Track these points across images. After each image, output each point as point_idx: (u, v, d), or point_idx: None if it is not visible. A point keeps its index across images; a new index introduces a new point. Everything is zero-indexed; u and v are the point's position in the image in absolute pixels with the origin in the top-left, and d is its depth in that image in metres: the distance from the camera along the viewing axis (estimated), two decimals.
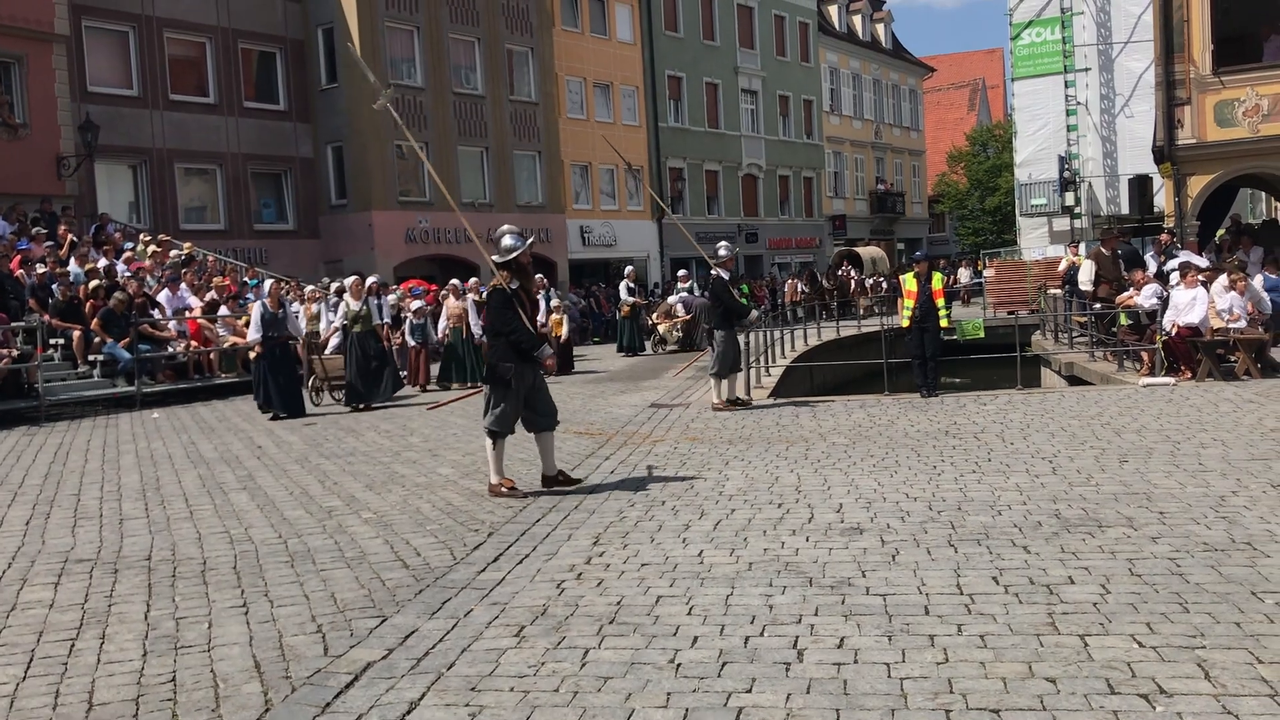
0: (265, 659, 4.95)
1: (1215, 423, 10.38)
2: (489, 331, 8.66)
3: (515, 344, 8.29)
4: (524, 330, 8.34)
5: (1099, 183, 37.10)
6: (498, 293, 8.46)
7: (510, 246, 8.54)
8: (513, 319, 8.32)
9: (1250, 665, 4.29)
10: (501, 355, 8.33)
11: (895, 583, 5.63)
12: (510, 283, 8.44)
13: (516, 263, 8.50)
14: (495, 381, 8.38)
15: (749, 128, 46.56)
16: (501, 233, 8.69)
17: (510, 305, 8.36)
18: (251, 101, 29.42)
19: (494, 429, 8.38)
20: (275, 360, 14.39)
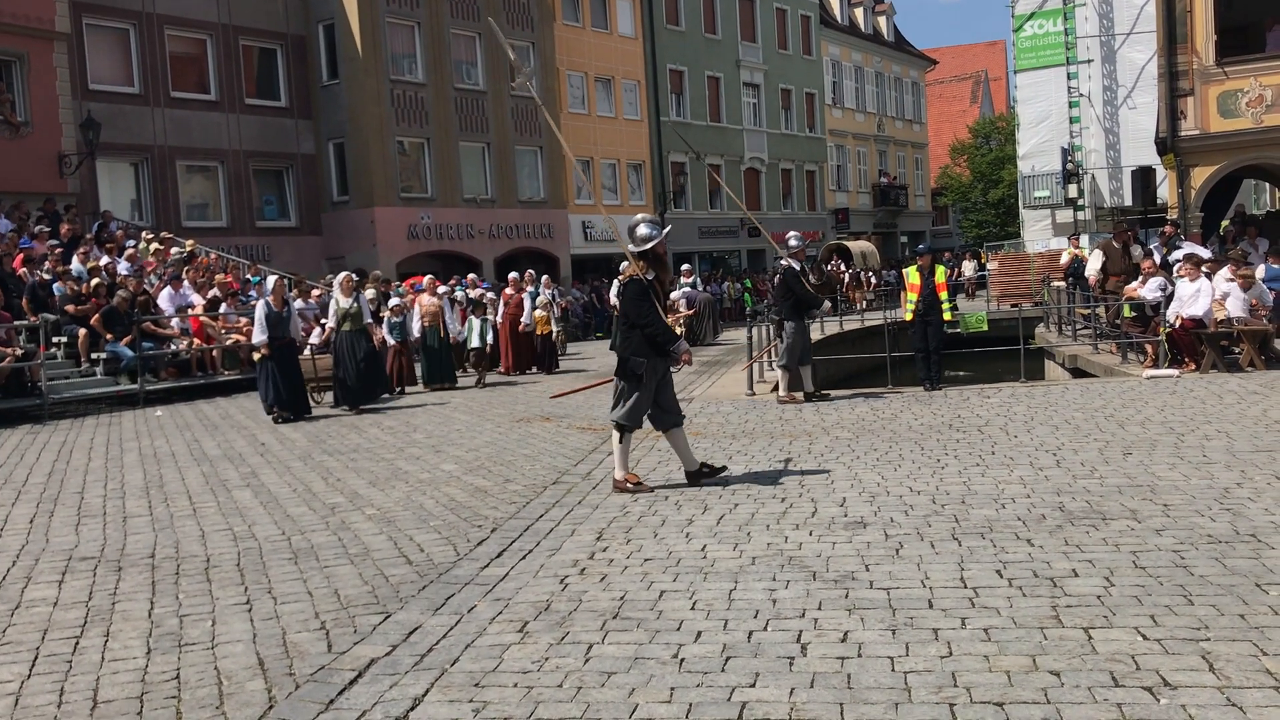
0: (269, 656, 4.95)
1: (1220, 414, 10.37)
2: (623, 324, 8.26)
3: (651, 337, 8.04)
4: (661, 323, 8.10)
5: (1102, 174, 37.04)
6: (635, 284, 8.15)
7: (646, 236, 8.28)
8: (650, 311, 8.04)
9: (1254, 658, 4.28)
10: (635, 349, 8.08)
11: (899, 576, 5.63)
12: (646, 274, 8.17)
13: (653, 253, 8.25)
14: (628, 376, 8.14)
15: (751, 121, 46.50)
16: (636, 222, 8.44)
17: (647, 297, 8.08)
18: (253, 98, 29.42)
19: (625, 423, 8.15)
20: (282, 361, 14.00)
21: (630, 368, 8.08)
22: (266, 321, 13.99)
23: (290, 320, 14.41)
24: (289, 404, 14.04)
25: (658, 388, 8.20)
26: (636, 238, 8.30)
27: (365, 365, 14.74)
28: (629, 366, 8.09)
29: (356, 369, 14.60)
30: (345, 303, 14.79)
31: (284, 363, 14.02)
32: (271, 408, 14.03)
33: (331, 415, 14.48)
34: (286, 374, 14.04)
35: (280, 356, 13.96)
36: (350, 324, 14.73)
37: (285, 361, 14.07)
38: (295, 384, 14.24)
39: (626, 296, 8.18)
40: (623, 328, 8.26)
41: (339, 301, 14.86)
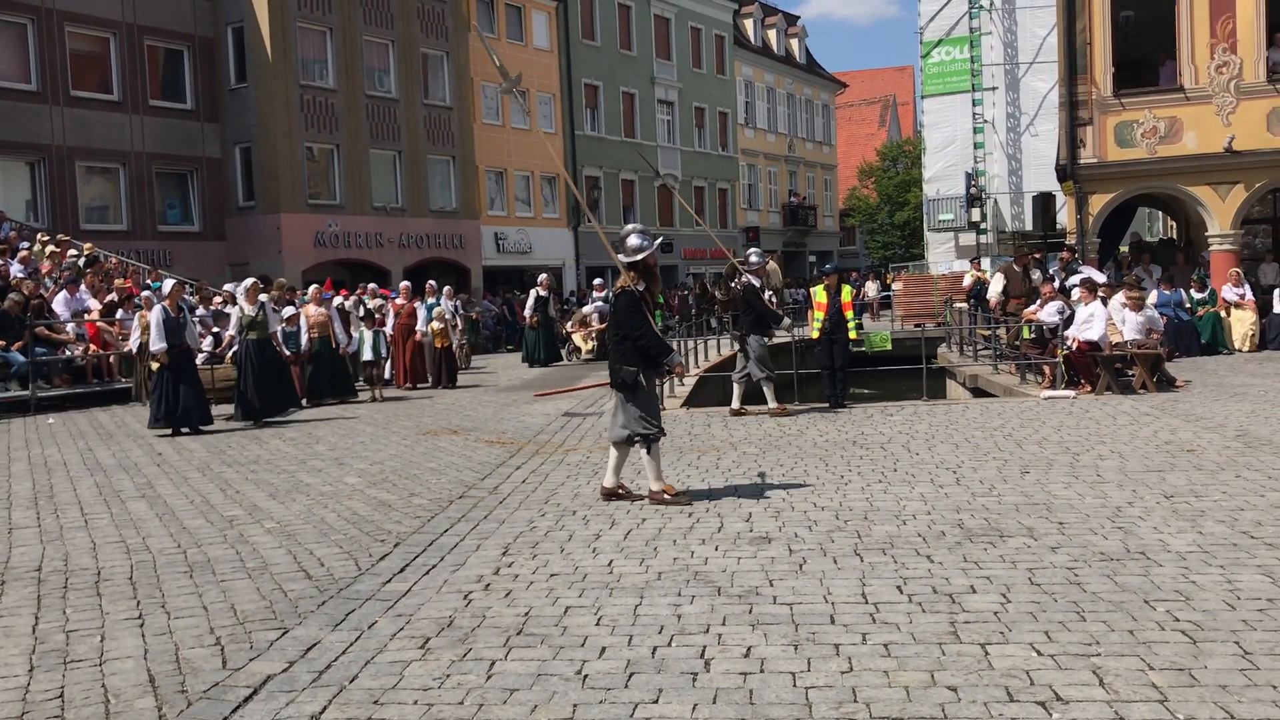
0: (160, 673, 4.80)
1: (1113, 435, 10.68)
2: (615, 335, 8.18)
3: (644, 349, 7.99)
4: (653, 335, 8.05)
5: (1004, 199, 37.97)
6: (626, 295, 8.07)
7: (637, 246, 8.18)
8: (642, 323, 7.99)
9: (1142, 672, 4.40)
10: (627, 359, 8.02)
11: (802, 592, 5.68)
12: (637, 284, 8.09)
13: (643, 264, 8.17)
14: (622, 386, 8.07)
15: (665, 138, 46.78)
16: (627, 232, 8.33)
17: (639, 308, 8.01)
18: (157, 100, 28.72)
19: (644, 431, 8.01)
20: (180, 370, 13.26)
21: (622, 377, 8.03)
22: (164, 328, 13.25)
23: (187, 327, 13.72)
24: (187, 416, 13.26)
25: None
26: (627, 248, 8.21)
27: (271, 376, 14.15)
28: (620, 375, 8.04)
29: (261, 380, 14.00)
30: (250, 310, 14.16)
31: (182, 372, 13.31)
32: (157, 422, 13.21)
33: (235, 429, 13.97)
34: (186, 384, 13.30)
35: (178, 365, 13.26)
36: (255, 333, 14.13)
37: (184, 371, 13.36)
38: (196, 394, 13.49)
39: (618, 308, 8.14)
40: (614, 339, 8.20)
41: (243, 308, 14.24)
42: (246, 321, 14.17)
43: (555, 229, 40.46)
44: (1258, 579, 5.62)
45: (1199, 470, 8.64)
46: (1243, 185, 20.46)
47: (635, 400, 8.05)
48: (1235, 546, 6.27)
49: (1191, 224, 23.70)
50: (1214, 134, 20.28)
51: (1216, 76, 20.27)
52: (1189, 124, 20.57)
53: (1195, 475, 8.45)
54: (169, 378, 13.20)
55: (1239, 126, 20.13)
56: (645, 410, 8.05)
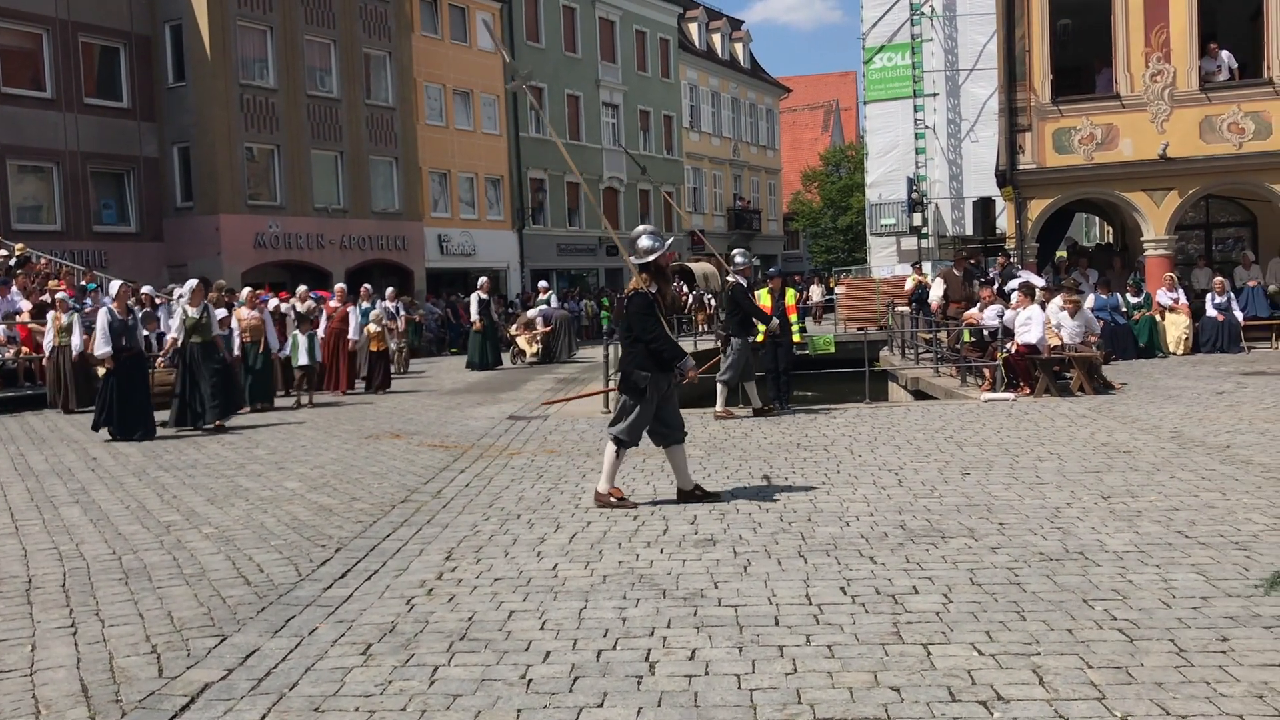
0: (94, 682, 4.70)
1: (1051, 437, 10.83)
2: (626, 338, 8.03)
3: (657, 353, 7.83)
4: (667, 338, 7.89)
5: (945, 204, 38.46)
6: (639, 297, 7.90)
7: (649, 248, 8.02)
8: (655, 325, 7.82)
9: (1081, 670, 4.46)
10: (639, 363, 7.85)
11: (746, 594, 5.69)
12: (649, 286, 7.94)
13: (655, 265, 8.02)
14: (630, 390, 7.91)
15: (610, 141, 46.80)
16: (638, 233, 8.17)
17: (652, 311, 7.85)
18: (92, 98, 28.18)
19: (624, 438, 7.92)
20: (128, 375, 12.77)
21: (634, 381, 7.86)
22: (110, 331, 12.77)
23: (137, 329, 13.26)
24: (132, 424, 12.80)
25: (660, 403, 7.98)
26: (639, 250, 8.07)
27: (217, 381, 13.64)
28: (632, 380, 7.88)
29: (206, 385, 13.51)
30: (193, 312, 13.70)
31: (130, 377, 12.84)
32: (101, 427, 12.77)
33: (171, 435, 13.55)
34: (133, 389, 12.84)
35: (127, 370, 12.78)
36: (199, 335, 13.66)
37: (132, 375, 12.89)
38: (142, 400, 13.03)
39: (631, 311, 7.96)
40: (626, 342, 8.05)
41: (186, 311, 13.76)
42: (190, 324, 13.69)
43: (499, 231, 40.30)
44: (1192, 577, 5.72)
45: (1135, 471, 8.79)
46: (1176, 191, 20.89)
47: (640, 406, 7.89)
48: (1170, 546, 6.39)
49: (1128, 229, 24.17)
50: (1149, 141, 20.70)
51: (1151, 85, 20.69)
52: (1125, 131, 20.96)
53: (1131, 476, 8.60)
54: (115, 384, 12.71)
55: (1173, 134, 20.55)
56: (645, 417, 7.92)
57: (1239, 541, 6.44)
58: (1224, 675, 4.36)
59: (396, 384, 19.79)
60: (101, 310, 13.21)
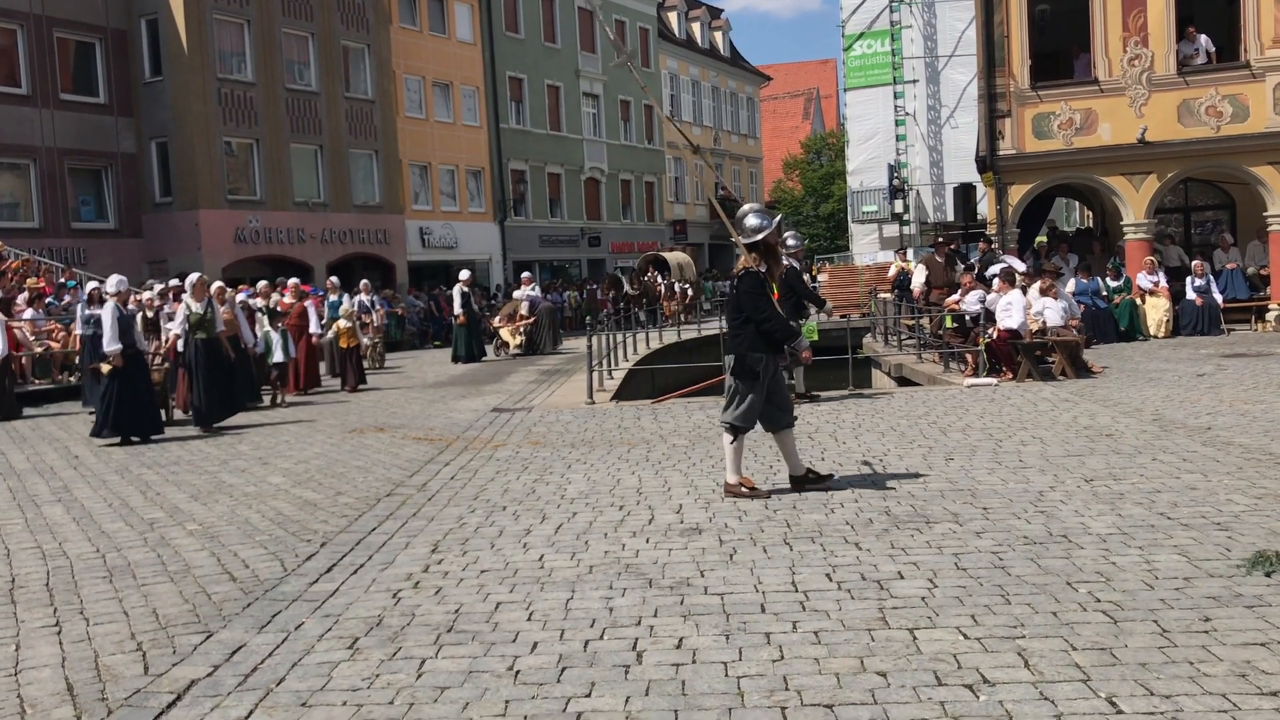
0: (79, 680, 4.68)
1: (1034, 421, 10.88)
2: (735, 319, 7.78)
3: (769, 333, 7.63)
4: (780, 318, 7.72)
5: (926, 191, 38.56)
6: (750, 277, 7.69)
7: (757, 226, 7.80)
8: (767, 305, 7.62)
9: (1065, 653, 4.49)
10: (751, 344, 7.63)
11: (733, 582, 5.70)
12: (759, 265, 7.74)
13: (764, 244, 7.81)
14: (743, 373, 7.67)
15: (591, 131, 46.71)
16: (744, 212, 7.97)
17: (763, 290, 7.66)
18: (68, 94, 27.97)
19: (739, 424, 7.71)
20: (133, 373, 12.21)
21: (748, 364, 7.64)
22: (120, 326, 12.13)
23: (135, 325, 12.74)
24: (138, 424, 12.32)
25: (771, 387, 7.80)
26: (746, 229, 7.87)
27: (222, 378, 13.28)
28: (746, 363, 7.65)
29: (211, 384, 13.09)
30: (197, 307, 13.23)
31: (135, 375, 12.30)
32: (103, 431, 12.15)
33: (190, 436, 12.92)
34: (138, 388, 12.28)
35: (131, 368, 12.23)
36: (203, 332, 13.23)
37: (137, 373, 12.35)
38: (149, 399, 12.53)
39: (741, 291, 7.74)
40: (735, 324, 7.80)
41: (190, 305, 13.29)
42: (195, 320, 13.25)
43: (481, 223, 40.19)
44: (1174, 559, 5.76)
45: (1117, 454, 8.84)
46: (1155, 175, 20.96)
47: (750, 389, 7.69)
48: (1153, 528, 6.43)
49: (1107, 213, 24.27)
50: (1128, 125, 20.76)
51: (1129, 69, 20.74)
52: (1104, 116, 21.02)
53: (1114, 459, 8.64)
54: (119, 383, 12.15)
55: (1151, 118, 20.62)
56: (757, 401, 7.71)
57: (1220, 522, 6.48)
58: (1207, 655, 4.40)
59: (372, 379, 19.34)
60: (108, 305, 12.48)
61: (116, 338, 12.12)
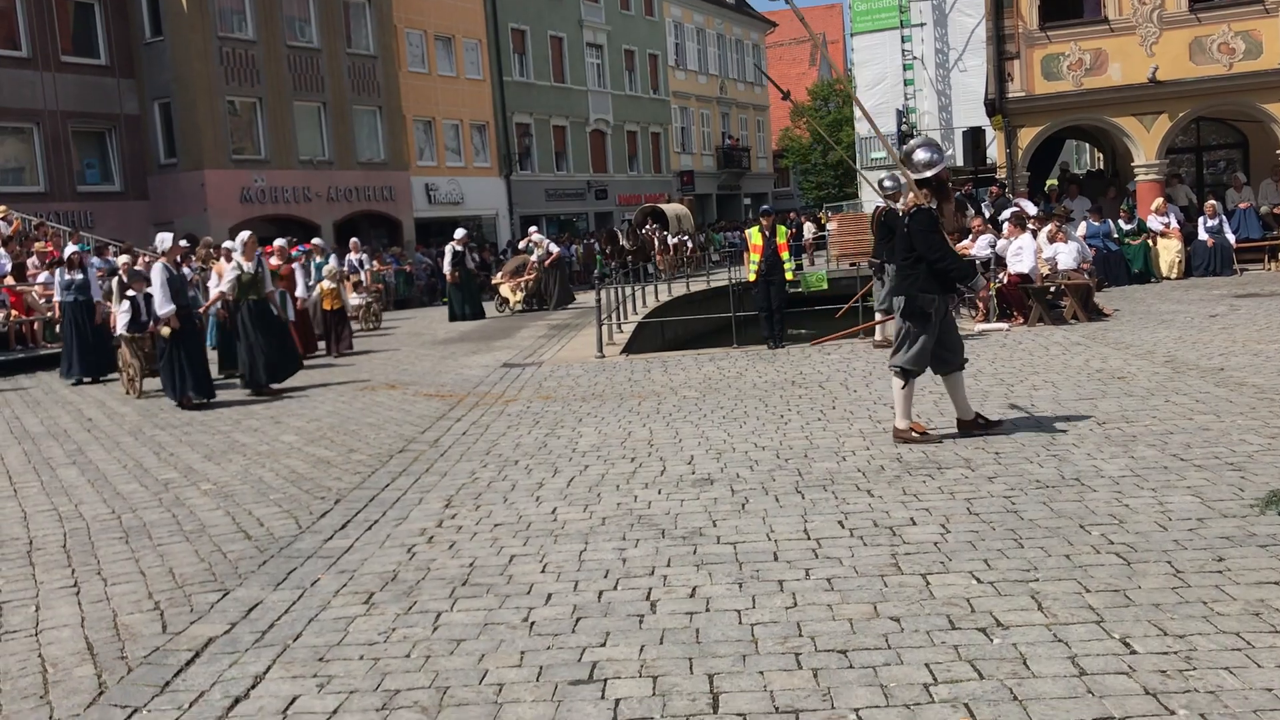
0: (99, 640, 4.72)
1: (1046, 365, 10.84)
2: (906, 259, 7.51)
3: (944, 272, 7.36)
4: (955, 257, 7.48)
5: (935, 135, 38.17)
6: (923, 214, 7.38)
7: (927, 160, 7.52)
8: (942, 244, 7.36)
9: (1079, 595, 4.49)
10: (923, 285, 7.38)
11: (745, 531, 5.71)
12: (930, 202, 7.44)
13: (936, 179, 7.53)
14: (914, 315, 7.44)
15: (595, 83, 46.29)
16: (913, 146, 7.71)
17: (938, 229, 7.36)
18: (69, 55, 27.77)
19: (910, 367, 7.47)
20: (188, 334, 11.76)
21: (919, 305, 7.41)
22: (169, 287, 11.57)
23: (187, 285, 12.02)
24: (197, 386, 11.81)
25: (942, 328, 7.55)
26: (915, 163, 7.58)
27: (276, 340, 12.75)
28: (917, 304, 7.41)
29: (267, 343, 12.54)
30: (248, 267, 12.58)
31: (190, 337, 11.80)
32: (184, 395, 11.65)
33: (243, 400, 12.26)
34: (193, 350, 11.81)
35: (185, 330, 11.71)
36: (254, 293, 12.65)
37: (191, 335, 11.86)
38: (202, 361, 12.03)
39: (913, 229, 7.42)
40: (905, 264, 7.53)
41: (241, 265, 12.61)
42: (247, 280, 12.60)
43: (487, 178, 39.98)
44: (1188, 500, 5.75)
45: (1129, 396, 8.81)
46: (1166, 115, 20.73)
47: (923, 331, 7.46)
48: (1166, 469, 6.41)
49: (1118, 155, 24.03)
50: (1138, 65, 20.50)
51: (1139, 7, 20.44)
52: (1113, 55, 20.75)
53: (1126, 401, 8.61)
54: (178, 344, 11.63)
55: (1162, 57, 20.35)
56: (929, 344, 7.47)
57: (1234, 463, 6.47)
58: (1220, 595, 4.40)
59: (365, 342, 18.60)
60: (157, 266, 11.87)
61: (169, 298, 11.58)
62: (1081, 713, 3.48)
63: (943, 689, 3.71)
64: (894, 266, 12.97)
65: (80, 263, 15.50)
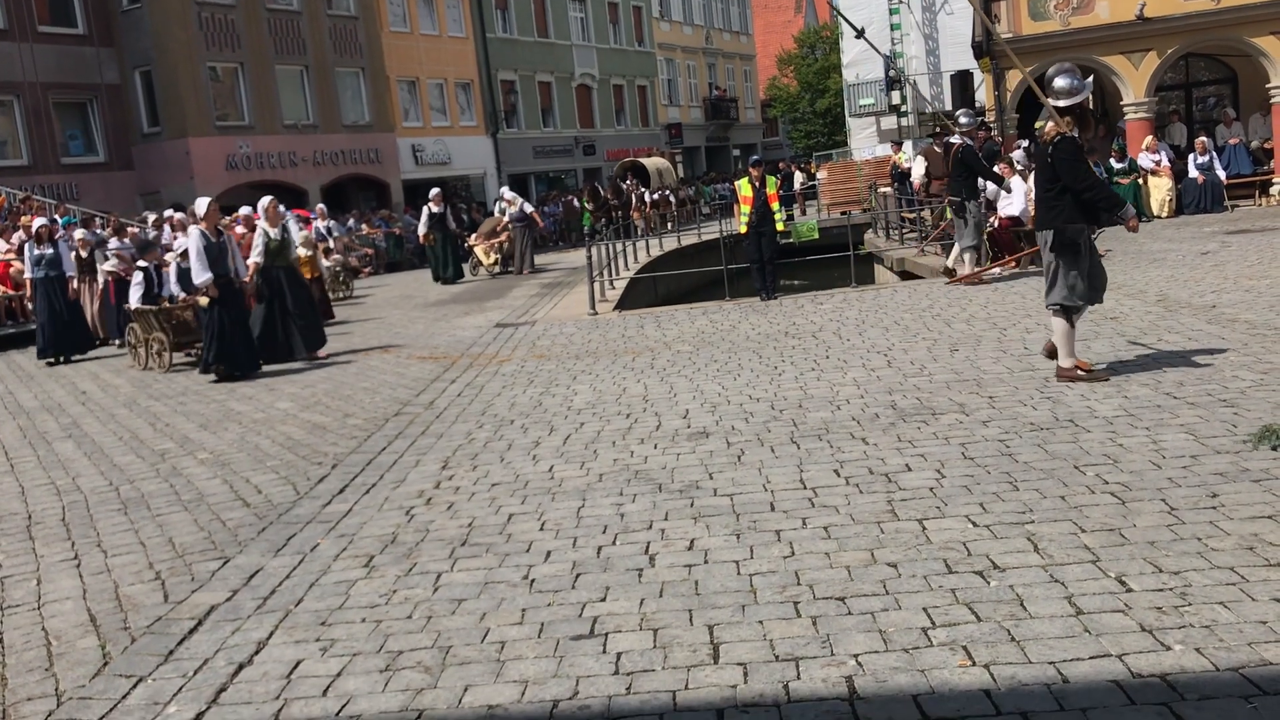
0: (101, 611, 4.74)
1: (1039, 308, 10.82)
2: (1049, 190, 7.26)
3: (1091, 202, 7.15)
4: (1103, 186, 7.31)
5: (923, 80, 37.90)
6: (1067, 142, 7.17)
7: (1069, 88, 7.32)
8: (1089, 173, 7.19)
9: (1074, 535, 4.52)
10: (1069, 216, 7.15)
11: (741, 482, 5.73)
12: (1073, 130, 7.25)
13: (1079, 108, 7.34)
14: (1064, 248, 7.19)
15: (579, 36, 45.82)
16: (1055, 73, 7.47)
17: (1082, 157, 7.17)
18: (46, 25, 27.40)
19: (1069, 303, 7.23)
20: (228, 303, 11.30)
21: (1068, 237, 7.18)
22: (206, 254, 11.14)
23: (228, 252, 11.48)
24: (245, 359, 11.47)
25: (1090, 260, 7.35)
26: (1056, 90, 7.37)
27: (309, 306, 12.53)
28: (1066, 236, 7.18)
29: (301, 311, 12.27)
30: (274, 233, 12.24)
31: (231, 306, 11.38)
32: (213, 366, 11.31)
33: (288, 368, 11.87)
34: (235, 319, 11.39)
35: (226, 298, 11.32)
36: (281, 260, 12.31)
37: (233, 304, 11.41)
38: (246, 331, 11.60)
39: (1057, 158, 7.19)
40: (1049, 195, 7.30)
41: (267, 231, 12.23)
42: (275, 246, 12.25)
43: (474, 137, 39.68)
44: (1181, 437, 5.78)
45: (1121, 337, 8.82)
46: (1155, 52, 20.59)
47: (1073, 264, 7.24)
48: (1159, 408, 6.44)
49: (1107, 94, 23.87)
50: (1126, 2, 20.32)
51: None
52: None
53: (1118, 342, 8.63)
54: (220, 315, 11.23)
55: None
56: (1080, 276, 7.26)
57: (1226, 399, 6.49)
58: (1215, 530, 4.43)
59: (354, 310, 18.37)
60: (193, 231, 11.46)
61: (206, 267, 11.14)
62: (1079, 651, 3.51)
63: (941, 632, 3.75)
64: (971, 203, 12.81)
65: (50, 236, 14.71)
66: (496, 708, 3.53)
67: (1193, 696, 3.19)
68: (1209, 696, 3.18)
